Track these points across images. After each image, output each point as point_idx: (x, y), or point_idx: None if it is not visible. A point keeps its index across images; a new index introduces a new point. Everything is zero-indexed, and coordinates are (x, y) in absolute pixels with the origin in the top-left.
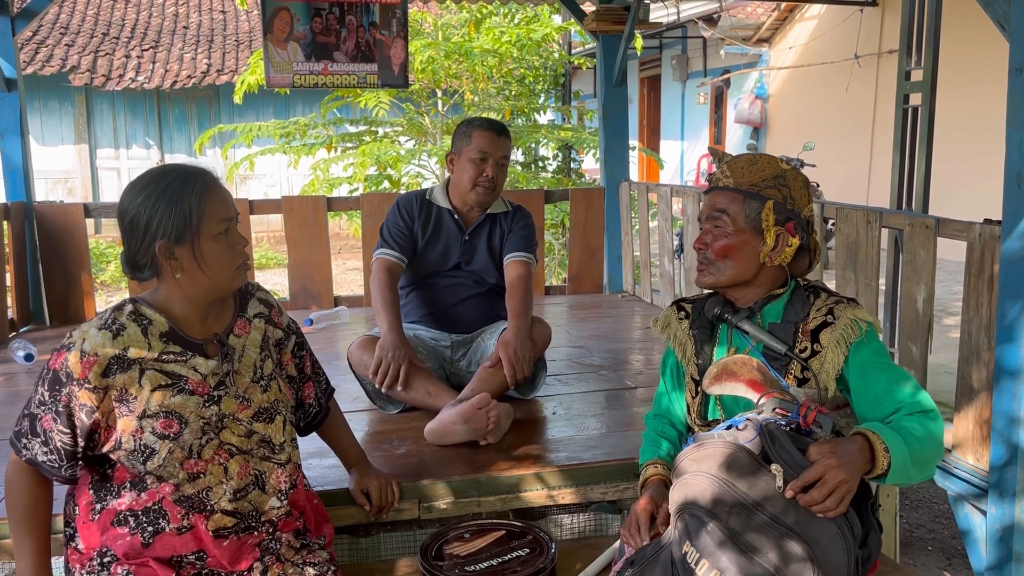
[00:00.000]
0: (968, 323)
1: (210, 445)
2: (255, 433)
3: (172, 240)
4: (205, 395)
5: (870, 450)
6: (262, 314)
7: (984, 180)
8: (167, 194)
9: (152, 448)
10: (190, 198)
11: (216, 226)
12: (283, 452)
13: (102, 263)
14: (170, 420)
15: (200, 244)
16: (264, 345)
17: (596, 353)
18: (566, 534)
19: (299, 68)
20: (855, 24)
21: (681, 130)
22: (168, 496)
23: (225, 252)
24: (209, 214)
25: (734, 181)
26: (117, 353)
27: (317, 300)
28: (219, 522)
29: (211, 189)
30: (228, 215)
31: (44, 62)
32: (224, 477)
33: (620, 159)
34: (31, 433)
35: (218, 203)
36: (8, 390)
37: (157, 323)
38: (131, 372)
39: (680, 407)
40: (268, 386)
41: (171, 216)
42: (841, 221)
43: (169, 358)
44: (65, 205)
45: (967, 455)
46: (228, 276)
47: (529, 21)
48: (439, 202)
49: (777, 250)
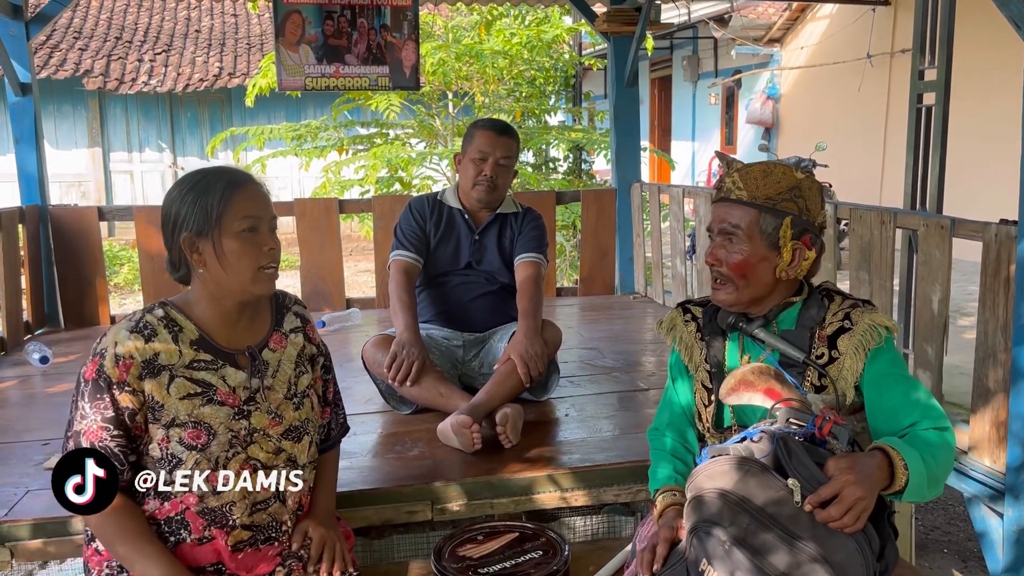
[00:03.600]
0: (984, 324)
1: (236, 459)
2: (283, 451)
3: (194, 233)
4: (235, 407)
5: (889, 466)
6: (298, 328)
7: (999, 180)
8: (196, 188)
9: (179, 458)
10: (215, 192)
11: (239, 223)
12: (306, 471)
13: (116, 266)
14: (199, 431)
15: (221, 239)
16: (299, 361)
17: (608, 355)
18: (579, 536)
19: (311, 71)
20: (867, 23)
21: (692, 131)
22: (192, 507)
23: (246, 251)
24: (233, 210)
25: (748, 194)
26: (149, 357)
27: (329, 302)
28: (238, 536)
29: (240, 186)
30: (255, 213)
31: (58, 66)
32: (246, 492)
33: (631, 160)
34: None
35: (244, 200)
36: (23, 392)
37: (188, 330)
38: (160, 378)
39: (691, 407)
40: (301, 403)
41: (195, 209)
42: (855, 222)
43: (200, 366)
44: (79, 208)
45: (983, 457)
46: (249, 276)
47: (540, 22)
48: (450, 203)
49: (794, 264)
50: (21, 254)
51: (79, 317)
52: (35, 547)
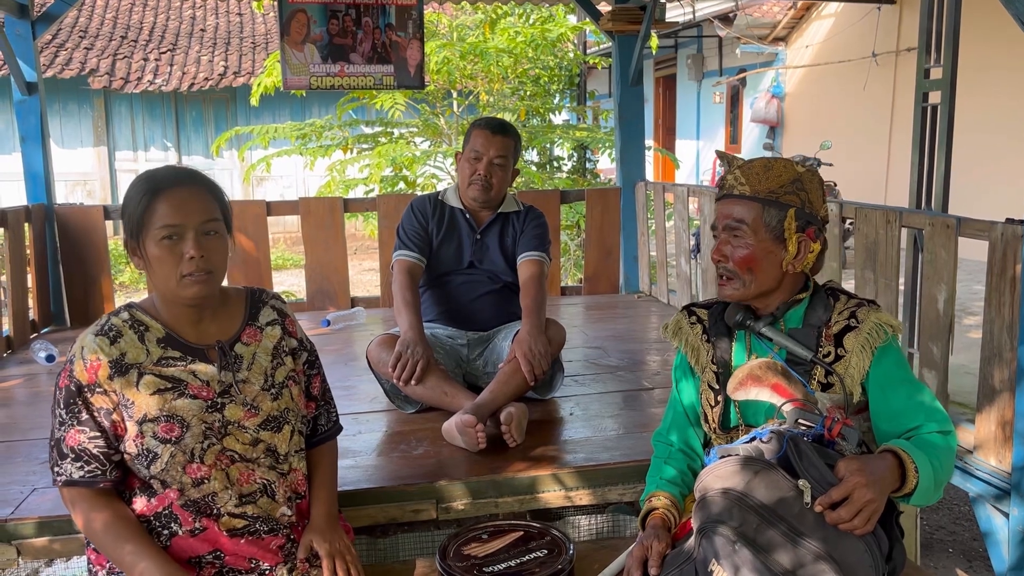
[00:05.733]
0: (990, 323)
1: (212, 450)
2: (261, 442)
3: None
4: (208, 400)
5: (899, 469)
6: (275, 321)
7: (1005, 179)
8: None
9: (154, 452)
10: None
11: (158, 231)
12: (286, 462)
13: (121, 264)
14: (171, 424)
15: (146, 246)
16: (276, 352)
17: (613, 354)
18: (583, 535)
19: (315, 70)
20: (872, 21)
21: (697, 129)
22: (175, 501)
23: (166, 258)
24: (151, 219)
25: (750, 189)
26: (115, 357)
27: (334, 301)
28: (229, 523)
29: (161, 193)
30: (173, 221)
31: (63, 65)
32: (227, 483)
33: (636, 159)
34: (60, 458)
35: (165, 207)
36: (29, 390)
37: (153, 329)
38: (129, 376)
39: (695, 407)
40: (279, 393)
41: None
42: (860, 221)
43: (168, 363)
44: (85, 207)
45: (989, 456)
46: (173, 283)
47: (544, 21)
48: (451, 202)
49: (799, 257)
50: (27, 253)
51: (85, 315)
52: (41, 545)
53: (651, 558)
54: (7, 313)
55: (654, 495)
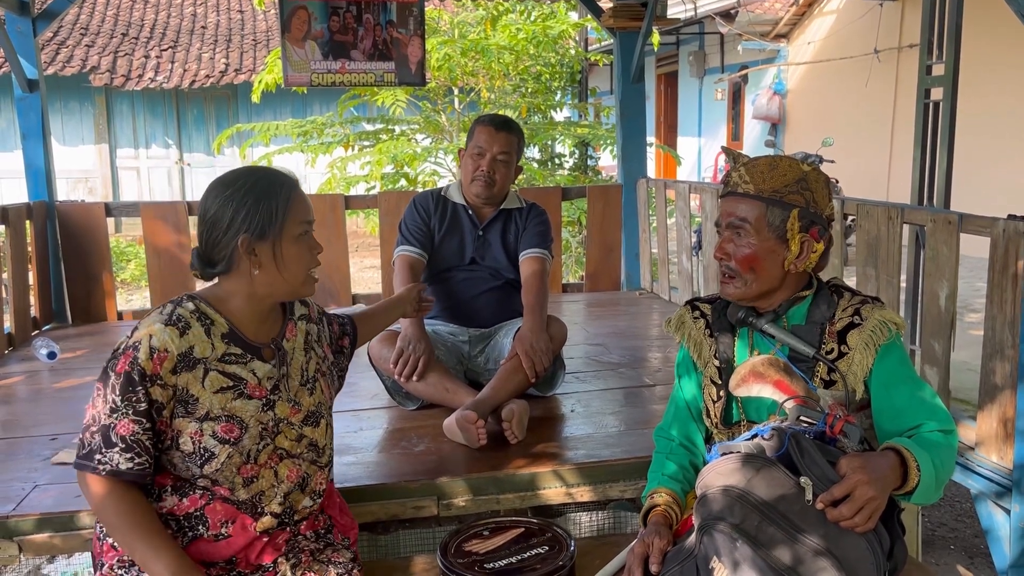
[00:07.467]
0: (992, 320)
1: (266, 450)
2: (304, 437)
3: (255, 236)
4: (263, 399)
5: (902, 467)
6: (304, 315)
7: (1007, 175)
8: (255, 191)
9: (212, 452)
10: (278, 197)
11: (298, 227)
12: (325, 455)
13: (123, 262)
14: (231, 424)
15: (282, 243)
16: (307, 346)
17: (614, 351)
18: (585, 532)
19: (316, 67)
20: (875, 18)
21: (698, 126)
22: (219, 499)
23: (303, 255)
24: (293, 215)
25: (755, 187)
26: (184, 351)
27: (335, 298)
28: (268, 523)
29: (297, 191)
30: (309, 218)
31: (65, 63)
32: (275, 481)
33: (637, 156)
34: (106, 446)
35: (302, 205)
36: (31, 387)
37: (218, 324)
38: (196, 371)
39: (697, 402)
40: (313, 388)
41: (257, 212)
42: (862, 218)
43: (231, 359)
44: (86, 204)
45: (990, 453)
46: (302, 279)
47: (545, 18)
48: (454, 198)
49: (802, 257)
50: (28, 250)
51: (86, 313)
52: (42, 541)
53: (652, 555)
54: (8, 310)
55: (656, 491)
